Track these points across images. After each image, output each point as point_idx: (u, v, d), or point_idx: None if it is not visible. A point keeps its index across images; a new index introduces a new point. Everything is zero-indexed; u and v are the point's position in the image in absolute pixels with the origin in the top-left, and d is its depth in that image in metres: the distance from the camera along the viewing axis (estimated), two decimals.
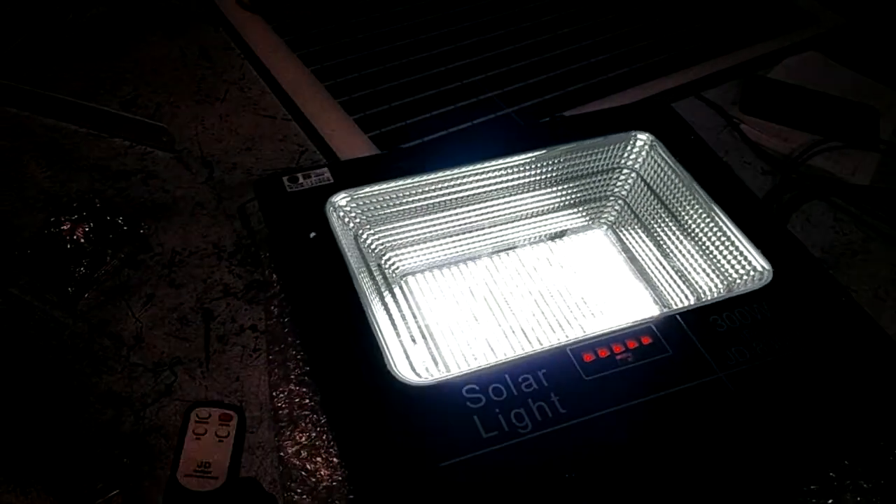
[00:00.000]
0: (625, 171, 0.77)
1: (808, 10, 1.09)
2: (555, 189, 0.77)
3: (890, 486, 0.60)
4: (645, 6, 1.09)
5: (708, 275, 0.70)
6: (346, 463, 0.60)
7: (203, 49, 0.97)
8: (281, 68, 0.92)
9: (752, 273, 0.66)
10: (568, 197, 0.77)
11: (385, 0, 1.05)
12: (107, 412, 0.62)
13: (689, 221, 0.72)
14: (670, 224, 0.74)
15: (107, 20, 1.00)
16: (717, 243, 0.69)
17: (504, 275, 0.74)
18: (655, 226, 0.75)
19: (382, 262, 0.72)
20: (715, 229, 0.69)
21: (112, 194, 0.79)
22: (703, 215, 0.71)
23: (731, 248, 0.68)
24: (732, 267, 0.68)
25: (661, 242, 0.74)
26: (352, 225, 0.70)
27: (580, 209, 0.78)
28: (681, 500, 0.57)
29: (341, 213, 0.69)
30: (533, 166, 0.75)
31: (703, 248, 0.70)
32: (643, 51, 1.00)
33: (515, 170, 0.74)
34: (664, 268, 0.73)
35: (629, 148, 0.77)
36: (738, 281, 0.67)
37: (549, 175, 0.76)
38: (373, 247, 0.72)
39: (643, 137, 0.76)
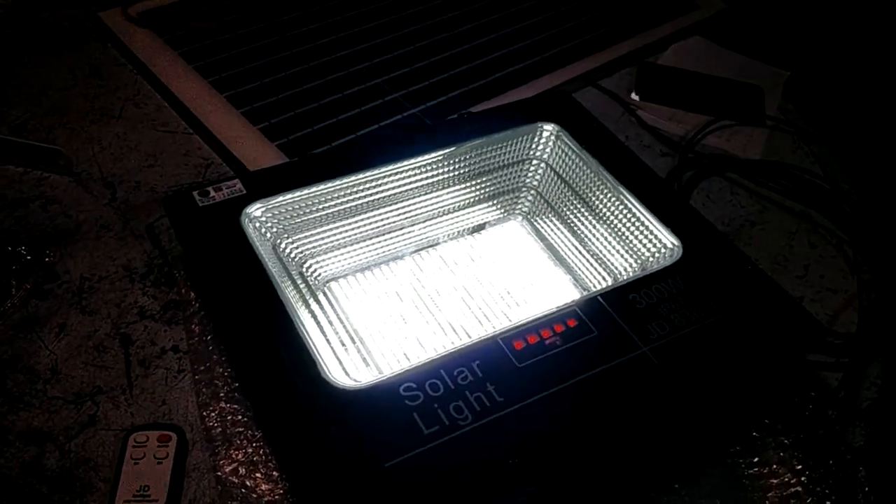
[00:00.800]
0: (534, 161, 0.79)
1: None
2: (469, 184, 0.78)
3: (808, 440, 0.64)
4: (532, 2, 1.11)
5: (622, 255, 0.72)
6: (287, 475, 0.59)
7: (93, 67, 0.94)
8: (177, 81, 0.89)
9: (663, 250, 0.69)
10: (482, 191, 0.79)
11: (279, 7, 1.04)
12: (29, 450, 0.59)
13: (600, 206, 0.74)
14: (582, 210, 0.76)
15: None
16: (629, 224, 0.72)
17: (427, 272, 0.74)
18: (568, 213, 0.77)
19: (304, 269, 0.71)
20: (625, 211, 0.72)
21: (10, 224, 0.75)
22: (613, 199, 0.73)
23: (641, 228, 0.71)
24: (644, 246, 0.71)
25: (575, 228, 0.76)
26: (269, 235, 0.69)
27: (495, 202, 0.80)
28: (618, 472, 0.60)
29: (257, 224, 0.68)
30: (445, 163, 0.75)
31: (616, 230, 0.73)
32: (539, 45, 1.02)
33: (428, 168, 0.75)
34: (580, 252, 0.75)
35: (536, 139, 0.78)
36: (651, 259, 0.70)
37: (461, 171, 0.77)
38: (292, 255, 0.71)
39: (549, 128, 0.78)
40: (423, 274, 0.74)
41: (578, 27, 1.07)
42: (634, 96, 0.97)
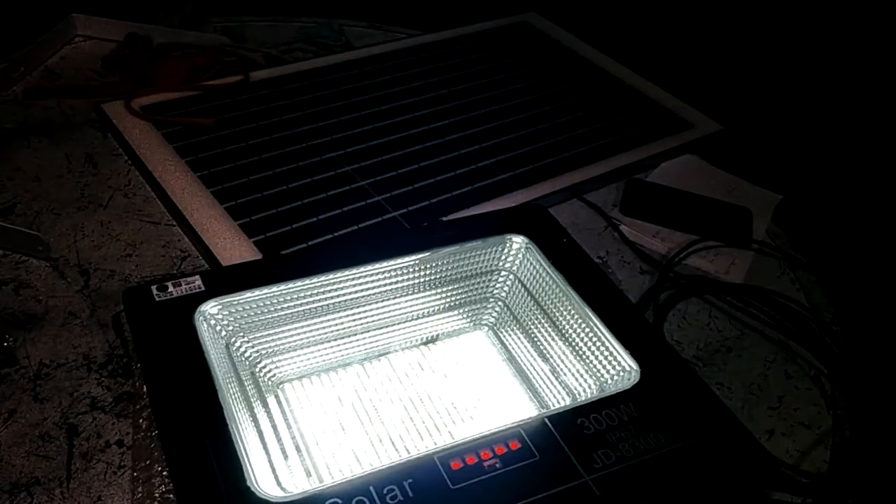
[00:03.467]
0: (503, 273, 0.79)
1: (685, 118, 1.15)
2: (435, 292, 0.77)
3: None
4: (529, 114, 1.13)
5: (581, 376, 0.71)
6: None
7: (89, 156, 0.96)
8: (167, 174, 0.91)
9: (622, 373, 0.68)
10: (449, 299, 0.78)
11: (278, 108, 1.07)
12: None
13: (563, 322, 0.73)
14: (546, 325, 0.75)
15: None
16: (589, 344, 0.70)
17: (384, 380, 0.73)
18: (532, 327, 0.76)
19: (257, 370, 0.71)
20: (586, 329, 0.71)
21: None
22: (576, 316, 0.72)
23: (601, 348, 0.69)
24: (604, 367, 0.69)
25: (538, 343, 0.75)
26: (224, 333, 0.69)
27: (462, 311, 0.79)
28: None
29: (213, 322, 0.68)
30: (411, 270, 0.75)
31: (576, 348, 0.72)
32: (529, 155, 1.03)
33: (393, 274, 0.74)
34: (541, 368, 0.74)
35: (506, 251, 0.78)
36: (609, 382, 0.68)
37: (428, 278, 0.76)
38: (247, 354, 0.71)
39: (518, 240, 0.78)
40: (379, 381, 0.73)
41: (572, 140, 1.08)
42: (618, 212, 0.97)
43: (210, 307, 0.67)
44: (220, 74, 1.10)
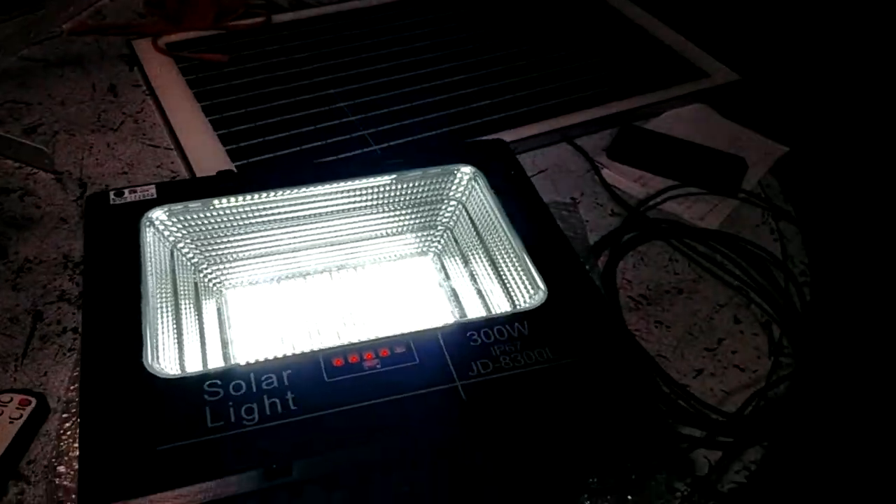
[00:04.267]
0: (452, 202, 0.81)
1: (700, 65, 1.11)
2: (386, 215, 0.80)
3: None
4: (538, 58, 1.13)
5: (500, 297, 0.72)
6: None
7: (113, 86, 1.05)
8: (172, 99, 0.99)
9: (531, 296, 0.69)
10: (399, 223, 0.81)
11: (291, 48, 1.12)
12: None
13: (493, 248, 0.75)
14: (480, 251, 0.76)
15: (43, 59, 1.10)
16: (511, 267, 0.72)
17: (317, 294, 0.78)
18: (470, 254, 0.78)
19: (201, 275, 0.76)
20: (511, 255, 0.72)
21: None
22: (505, 242, 0.73)
23: (519, 272, 0.71)
24: (518, 289, 0.70)
25: (472, 268, 0.77)
26: (172, 238, 0.75)
27: (410, 236, 0.82)
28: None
29: (160, 227, 0.74)
30: (362, 192, 0.78)
31: (500, 272, 0.73)
32: (524, 99, 1.04)
33: (345, 194, 0.78)
34: (470, 291, 0.76)
35: (455, 180, 0.80)
36: (519, 303, 0.70)
37: (380, 201, 0.79)
38: (194, 261, 0.76)
39: (467, 170, 0.79)
40: (318, 295, 0.77)
41: (575, 84, 1.07)
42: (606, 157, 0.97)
43: (157, 213, 0.73)
44: (248, 16, 1.16)
